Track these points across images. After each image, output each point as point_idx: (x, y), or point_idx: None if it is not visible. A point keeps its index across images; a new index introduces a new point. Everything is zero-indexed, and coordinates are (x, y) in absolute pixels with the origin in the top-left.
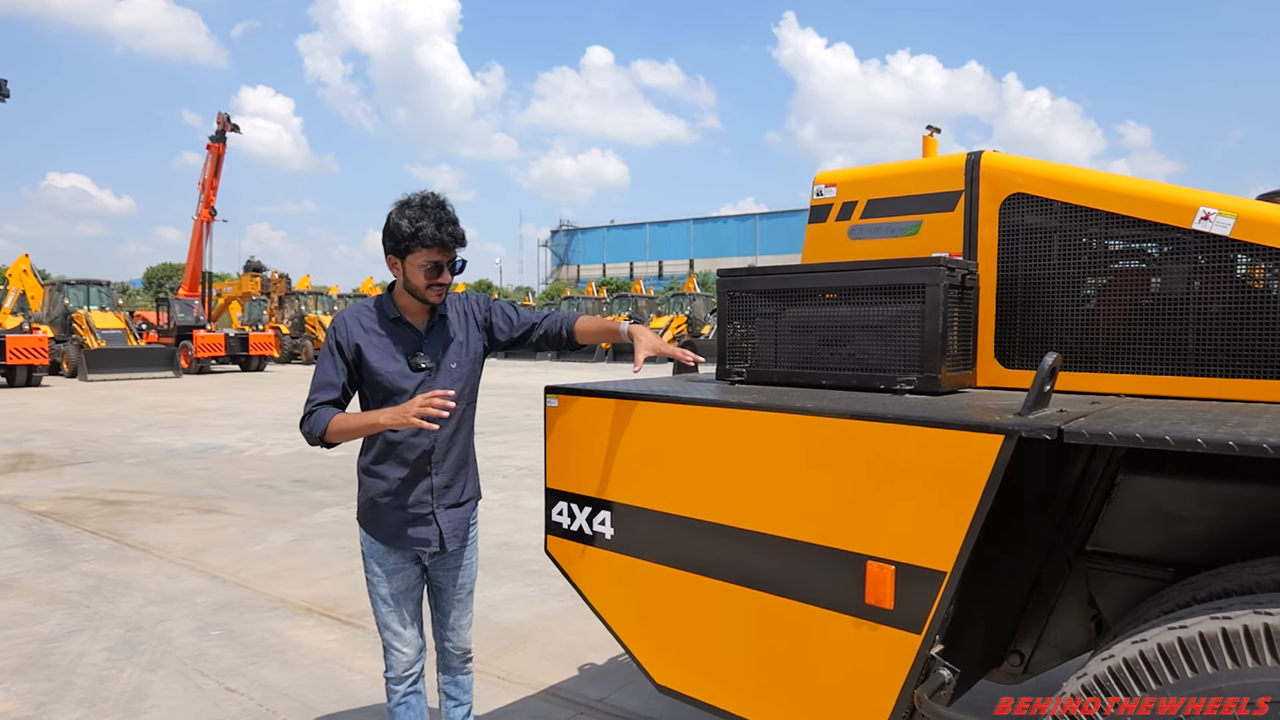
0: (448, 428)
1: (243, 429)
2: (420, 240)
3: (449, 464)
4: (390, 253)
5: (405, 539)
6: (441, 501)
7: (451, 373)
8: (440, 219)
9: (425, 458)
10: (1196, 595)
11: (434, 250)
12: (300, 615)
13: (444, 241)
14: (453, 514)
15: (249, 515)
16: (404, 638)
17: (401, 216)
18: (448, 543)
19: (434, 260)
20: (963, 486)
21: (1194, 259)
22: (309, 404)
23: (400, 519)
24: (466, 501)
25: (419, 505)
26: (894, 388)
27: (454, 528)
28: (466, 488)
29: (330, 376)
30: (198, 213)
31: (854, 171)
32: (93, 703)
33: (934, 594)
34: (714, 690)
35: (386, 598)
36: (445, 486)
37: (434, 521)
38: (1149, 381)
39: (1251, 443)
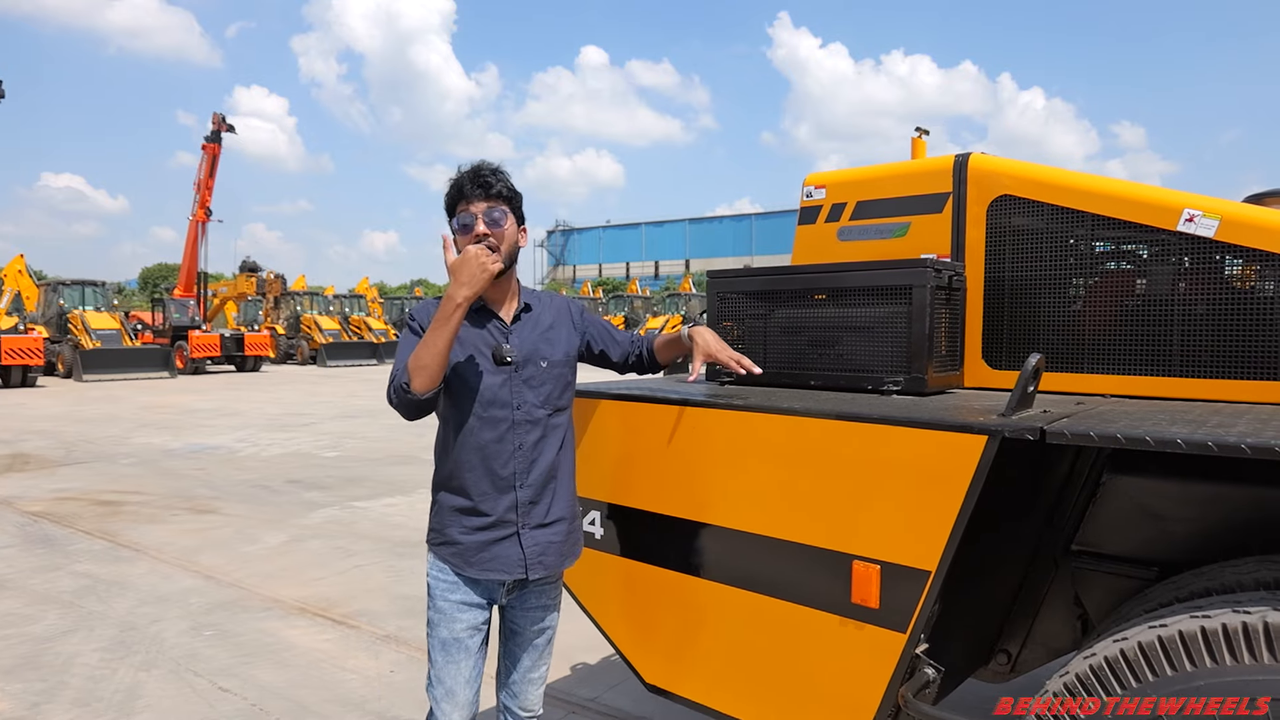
0: (532, 434)
1: (238, 429)
2: (450, 197)
3: (535, 476)
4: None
5: (483, 563)
6: (527, 520)
7: (541, 371)
8: (475, 170)
9: (509, 469)
10: (1178, 594)
11: (464, 205)
12: (294, 615)
13: (465, 191)
14: (539, 535)
15: (243, 515)
16: (456, 699)
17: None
18: (531, 569)
19: (466, 213)
20: (947, 486)
21: (1179, 260)
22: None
23: (479, 541)
24: (555, 522)
25: (501, 525)
26: (881, 388)
27: (540, 552)
28: (554, 506)
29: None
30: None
31: (843, 173)
32: (86, 702)
33: (919, 593)
34: (702, 689)
35: (446, 642)
36: (531, 503)
37: (518, 543)
38: (1135, 382)
39: (1230, 443)
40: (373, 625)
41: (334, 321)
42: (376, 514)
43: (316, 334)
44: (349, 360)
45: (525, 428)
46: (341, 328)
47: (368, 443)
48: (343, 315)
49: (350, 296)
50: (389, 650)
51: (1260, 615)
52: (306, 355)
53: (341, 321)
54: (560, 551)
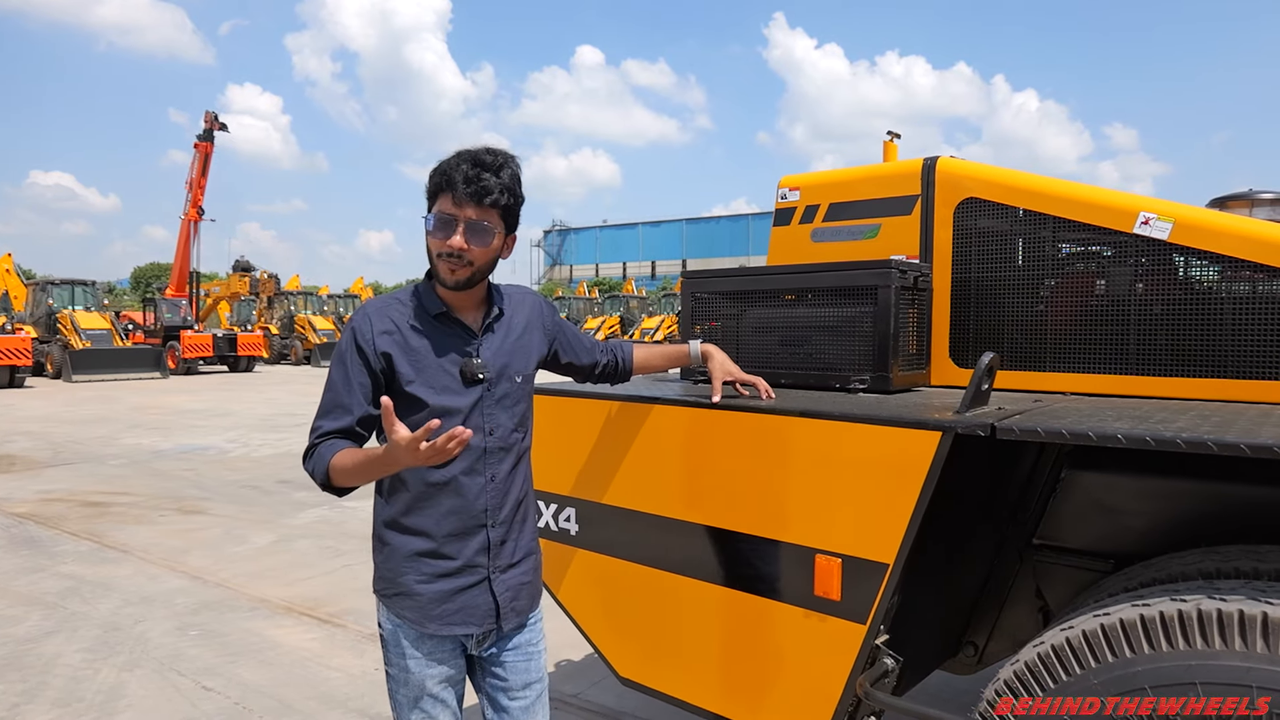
0: (505, 462)
1: (229, 430)
2: (434, 180)
3: (506, 511)
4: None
5: (447, 616)
6: (497, 563)
7: (516, 387)
8: (476, 160)
9: (480, 504)
10: (1128, 584)
11: (449, 197)
12: (280, 615)
13: (455, 184)
14: (509, 578)
15: (232, 516)
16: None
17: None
18: (504, 618)
19: (447, 213)
20: (904, 481)
21: (1136, 262)
22: (313, 434)
23: (443, 590)
24: (523, 559)
25: (470, 570)
26: (848, 386)
27: (512, 596)
28: (522, 541)
29: (341, 396)
30: (185, 212)
31: (816, 176)
32: (67, 703)
33: (878, 585)
34: (674, 682)
35: (419, 699)
36: (501, 542)
37: (489, 590)
38: (1096, 380)
39: (1166, 438)
40: (359, 624)
41: (329, 321)
42: (365, 514)
43: (311, 334)
44: None
45: (498, 456)
46: (336, 328)
47: None
48: (337, 315)
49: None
50: (374, 649)
51: (1195, 603)
52: (300, 355)
53: (336, 321)
54: (530, 592)
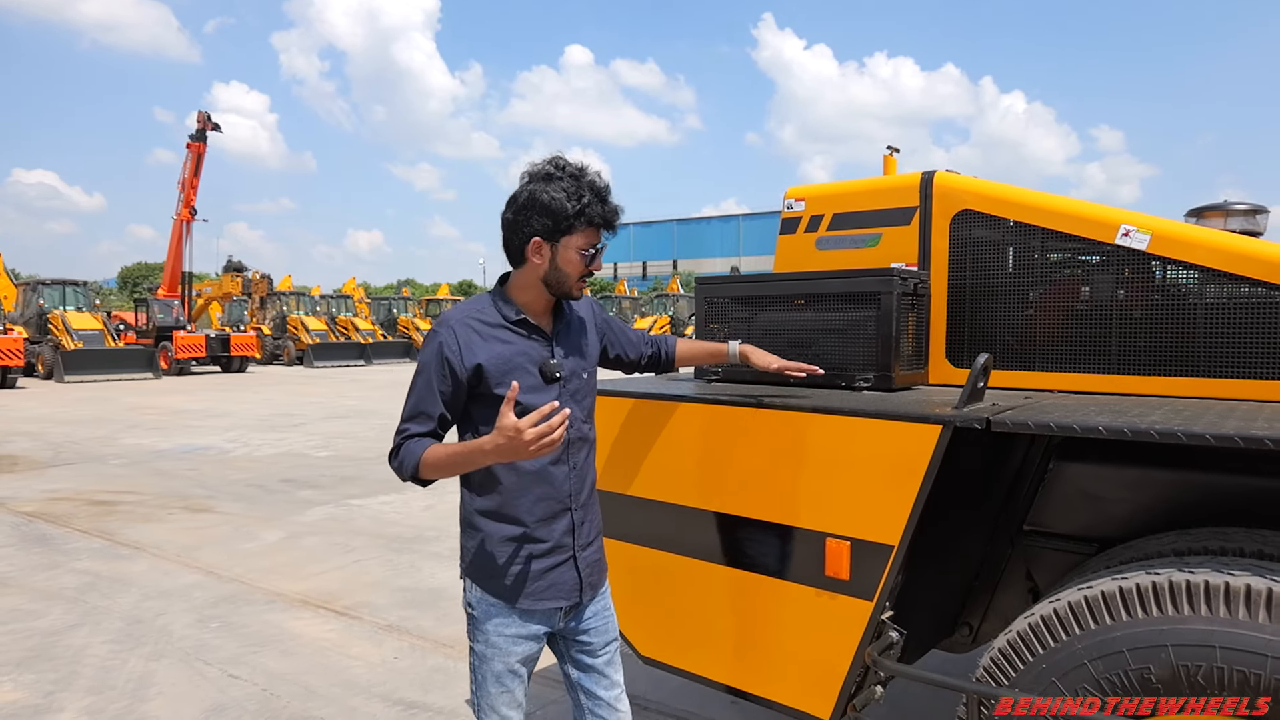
0: (581, 451)
1: (228, 430)
2: (587, 218)
3: (585, 495)
4: (538, 234)
5: (539, 593)
6: (580, 542)
7: (583, 384)
8: (602, 193)
9: (565, 490)
10: (1109, 564)
11: (595, 232)
12: (297, 608)
13: (609, 220)
14: (588, 554)
15: (239, 514)
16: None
17: (554, 190)
18: (585, 592)
19: (595, 244)
20: (907, 470)
21: (1117, 270)
22: (399, 434)
23: (535, 569)
24: (597, 537)
25: (559, 550)
26: (853, 385)
27: (590, 571)
28: (595, 522)
29: (427, 405)
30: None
31: (821, 187)
32: (100, 690)
33: (884, 565)
34: (693, 659)
35: (501, 675)
36: (583, 523)
37: (575, 567)
38: (1080, 379)
39: (1141, 429)
40: (374, 616)
41: (321, 322)
42: (372, 511)
43: (303, 334)
44: (337, 361)
45: (577, 446)
46: (329, 328)
47: (360, 443)
48: (329, 315)
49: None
50: (391, 639)
51: (1167, 576)
52: (293, 356)
53: (328, 322)
54: (602, 567)
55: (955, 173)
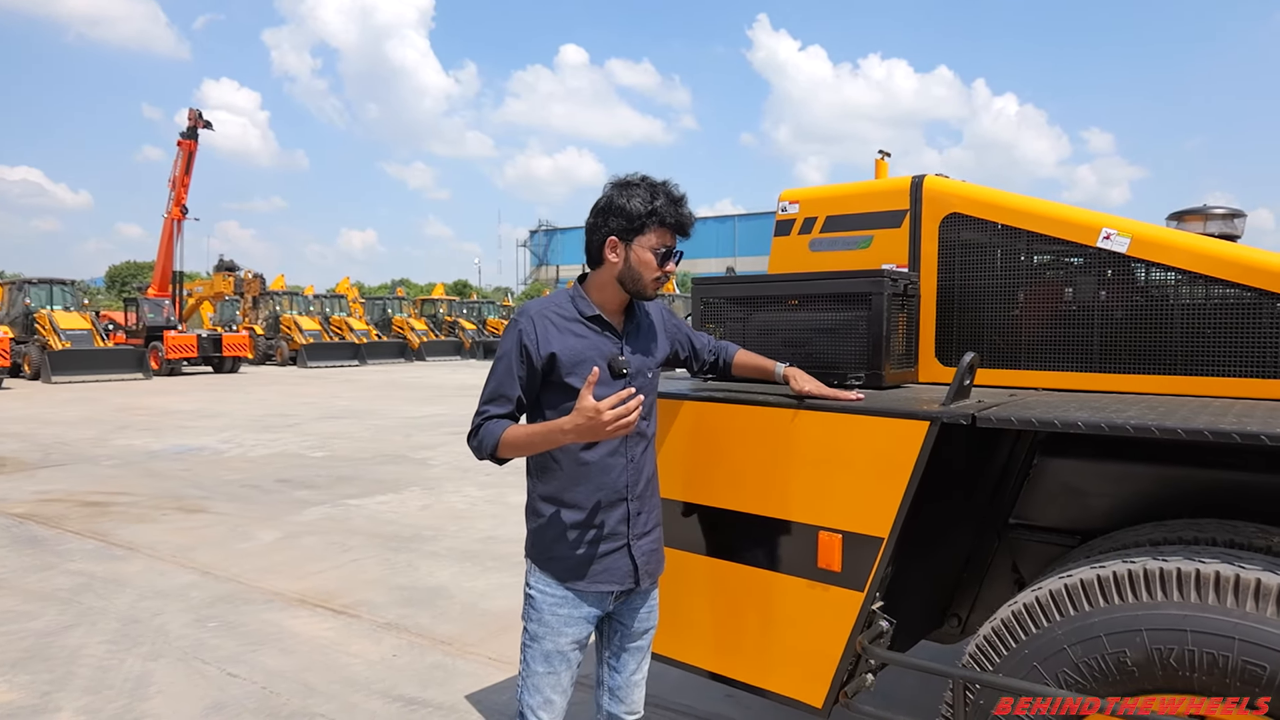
0: (639, 445)
1: (221, 430)
2: (659, 217)
3: (641, 487)
4: (614, 234)
5: (595, 576)
6: (635, 531)
7: (648, 382)
8: (675, 198)
9: (622, 481)
10: (1089, 555)
11: (668, 232)
12: (295, 607)
13: (682, 224)
14: (644, 544)
15: (234, 514)
16: (553, 707)
17: (630, 194)
18: (641, 579)
19: (667, 245)
20: (897, 465)
21: (1099, 272)
22: (478, 415)
23: (593, 554)
24: (654, 529)
25: (614, 537)
26: (846, 383)
27: (646, 560)
28: (653, 514)
29: (506, 387)
30: (168, 210)
31: (814, 190)
32: (97, 690)
33: (874, 557)
34: (690, 651)
35: (550, 654)
36: (639, 514)
37: (629, 554)
38: (1063, 377)
39: (1118, 424)
40: (373, 614)
41: (314, 322)
42: (369, 511)
43: (297, 334)
44: (330, 361)
45: (635, 440)
46: (322, 328)
47: (355, 443)
48: (323, 315)
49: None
50: (390, 637)
51: (1141, 564)
52: (286, 356)
53: (322, 322)
54: (659, 558)
55: (945, 176)
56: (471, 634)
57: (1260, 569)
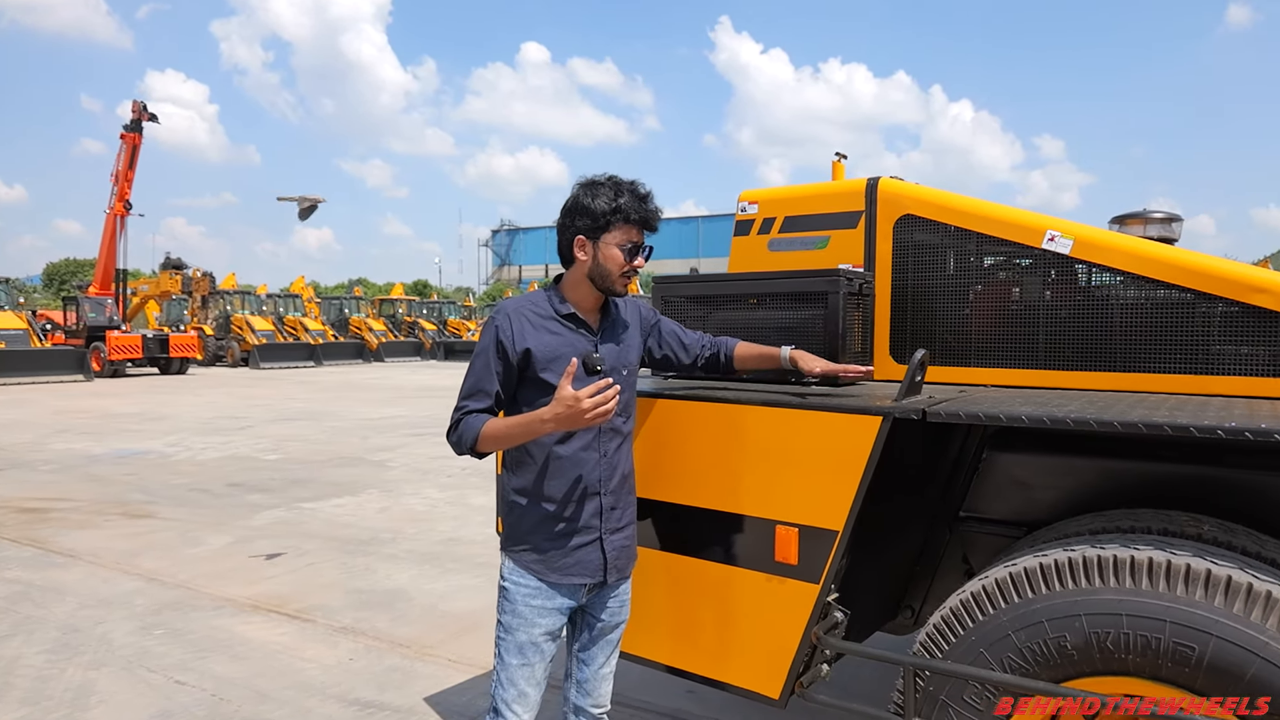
0: (614, 441)
1: (168, 433)
2: (623, 214)
3: (615, 483)
4: (581, 233)
5: (566, 568)
6: (608, 525)
7: (623, 379)
8: (640, 195)
9: (594, 476)
10: (1033, 545)
11: (634, 229)
12: (247, 612)
13: (647, 219)
14: (617, 539)
15: (183, 519)
16: (527, 700)
17: (595, 193)
18: (609, 573)
19: (634, 240)
20: (851, 459)
21: (1045, 273)
22: (457, 411)
23: (565, 546)
24: (627, 526)
25: (586, 530)
26: (802, 380)
27: (617, 555)
28: (628, 510)
29: (484, 382)
30: (110, 206)
31: (772, 191)
32: (36, 701)
33: (829, 550)
34: (650, 646)
35: (523, 645)
36: (612, 509)
37: (600, 548)
38: (1011, 374)
39: (1059, 418)
40: (328, 619)
41: (268, 322)
42: (325, 514)
43: (249, 335)
44: (284, 362)
45: (609, 436)
46: (276, 328)
47: (310, 445)
48: (277, 315)
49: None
50: (347, 641)
51: (1080, 552)
52: (238, 357)
53: (276, 322)
54: (630, 554)
55: (899, 179)
56: (431, 636)
57: (1190, 555)
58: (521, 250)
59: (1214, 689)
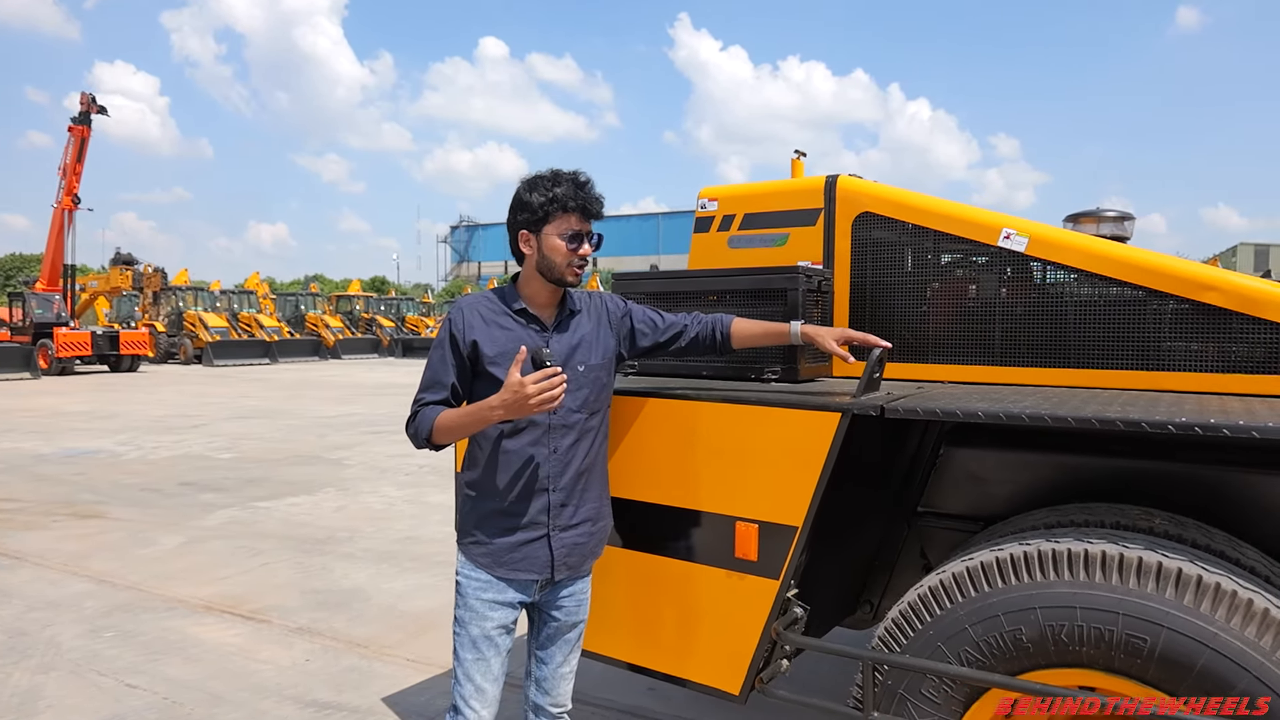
0: (567, 438)
1: (118, 432)
2: (559, 203)
3: (566, 479)
4: (523, 227)
5: (514, 563)
6: (557, 522)
7: (578, 375)
8: (578, 183)
9: (544, 471)
10: (990, 539)
11: (573, 216)
12: (199, 613)
13: (585, 205)
14: (568, 536)
15: (134, 519)
16: (485, 696)
17: (533, 186)
18: (558, 570)
19: (574, 229)
20: (810, 455)
21: (1000, 271)
22: (415, 404)
23: (510, 542)
24: (581, 524)
25: (534, 526)
26: (762, 377)
27: (566, 553)
28: (584, 508)
29: (439, 374)
30: (58, 200)
31: (732, 188)
32: None
33: (789, 545)
34: (610, 644)
35: (477, 640)
36: (561, 505)
37: (548, 545)
38: (968, 370)
39: (1015, 413)
40: (284, 619)
41: (221, 319)
42: (280, 514)
43: (202, 332)
44: (239, 360)
45: (560, 432)
46: (230, 325)
47: (265, 444)
48: (231, 312)
49: (239, 292)
50: (303, 641)
51: (1036, 546)
52: (191, 354)
53: (230, 319)
54: (582, 553)
55: (858, 177)
56: (389, 636)
57: (1142, 548)
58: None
59: (1165, 680)
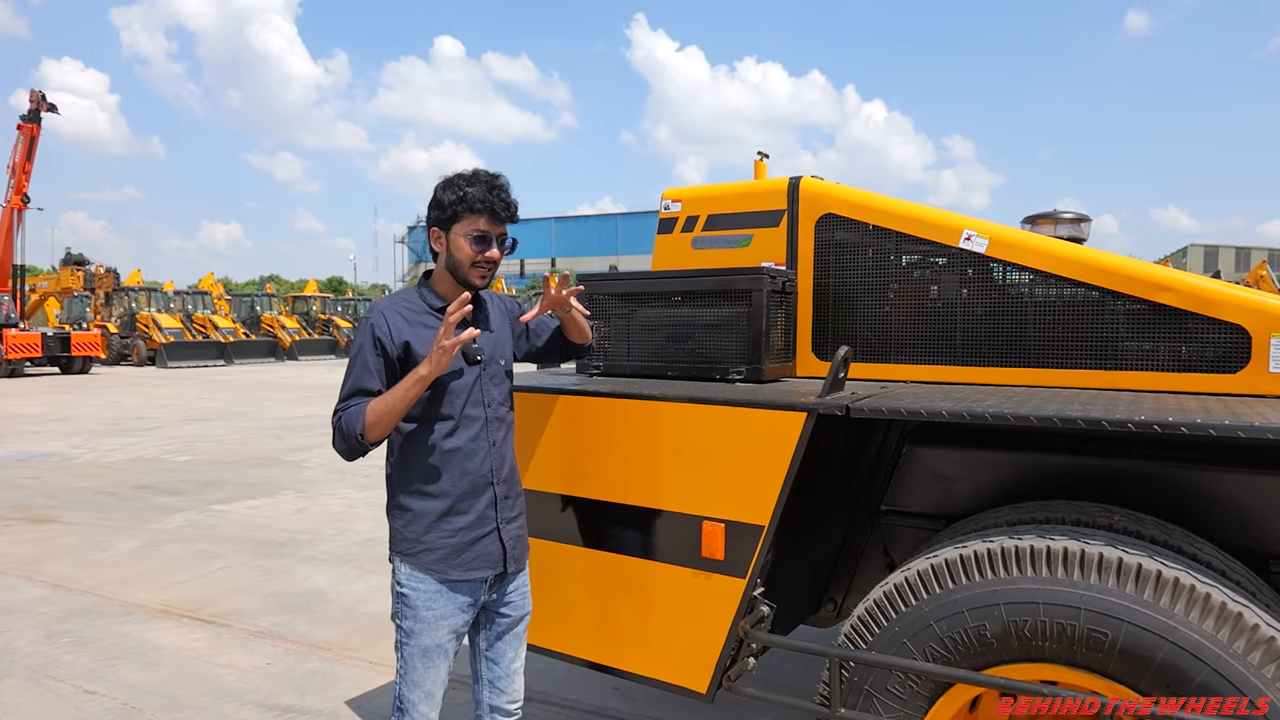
0: (499, 430)
1: (71, 435)
2: (467, 204)
3: (505, 472)
4: (434, 224)
5: (467, 563)
6: (504, 515)
7: (500, 369)
8: (491, 184)
9: (486, 466)
10: (953, 536)
11: (481, 218)
12: (158, 618)
13: (494, 208)
14: (513, 528)
15: (89, 523)
16: (434, 699)
17: (446, 186)
18: (509, 563)
19: (481, 230)
20: (776, 455)
21: (961, 271)
22: (337, 413)
23: (462, 541)
24: (519, 515)
25: (484, 522)
26: (727, 377)
27: (514, 544)
28: (518, 501)
29: (365, 381)
30: (6, 199)
31: (696, 190)
32: None
33: (755, 544)
34: (573, 643)
35: (429, 649)
36: (505, 498)
37: (499, 538)
38: (930, 370)
39: (978, 412)
40: (245, 623)
41: (176, 320)
42: (239, 516)
43: (156, 333)
44: (193, 361)
45: (495, 425)
46: (184, 326)
47: (222, 446)
48: (185, 313)
49: (193, 293)
50: (264, 645)
51: (999, 543)
52: (144, 356)
53: (184, 320)
54: (524, 544)
55: (820, 179)
56: (352, 639)
57: (1102, 544)
58: None
59: (1126, 674)
